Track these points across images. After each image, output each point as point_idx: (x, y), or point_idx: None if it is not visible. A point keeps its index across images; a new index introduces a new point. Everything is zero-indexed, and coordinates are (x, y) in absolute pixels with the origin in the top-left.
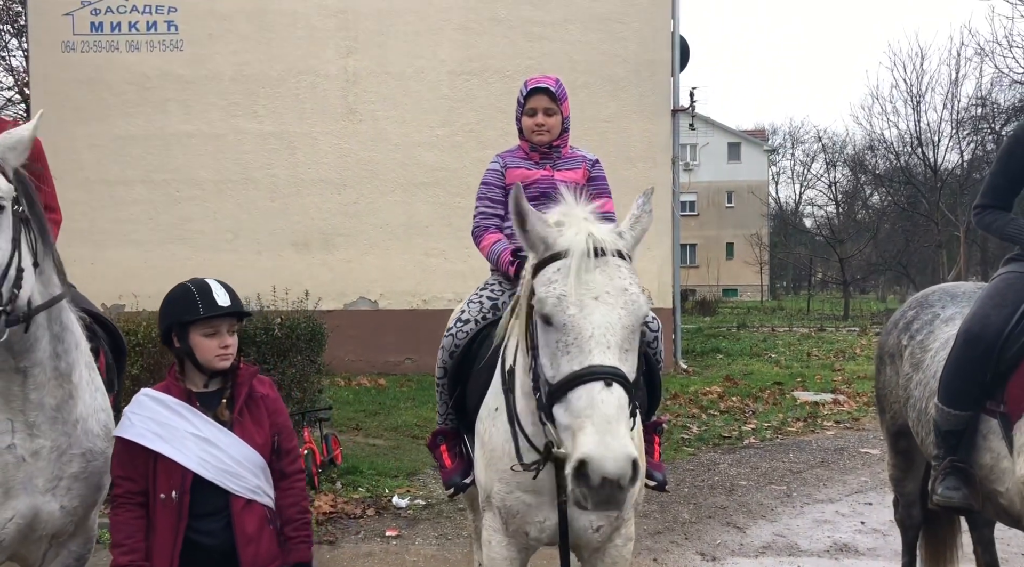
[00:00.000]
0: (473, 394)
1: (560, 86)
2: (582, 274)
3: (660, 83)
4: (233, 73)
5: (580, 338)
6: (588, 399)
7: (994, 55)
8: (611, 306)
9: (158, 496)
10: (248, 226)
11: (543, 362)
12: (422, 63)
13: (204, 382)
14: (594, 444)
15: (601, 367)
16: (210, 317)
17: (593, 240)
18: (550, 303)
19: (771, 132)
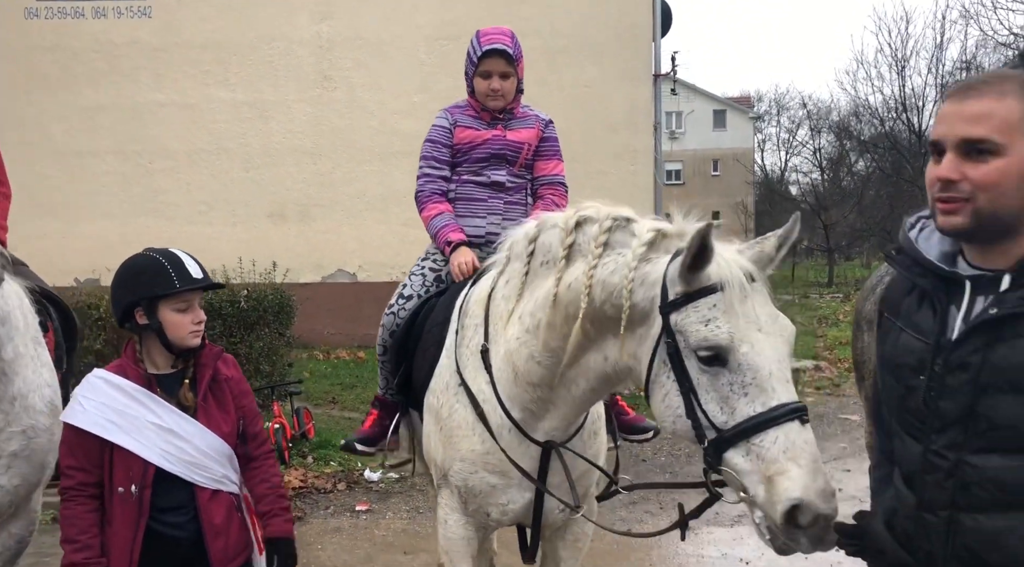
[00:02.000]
0: (420, 369)
1: (516, 44)
2: (741, 304)
3: (641, 48)
4: (204, 40)
5: (759, 377)
6: (787, 441)
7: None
8: (774, 336)
9: (115, 490)
10: (222, 197)
11: (710, 408)
12: (398, 28)
13: (171, 362)
14: (804, 486)
15: (790, 406)
16: (185, 291)
17: (744, 268)
18: (721, 342)
19: (756, 99)
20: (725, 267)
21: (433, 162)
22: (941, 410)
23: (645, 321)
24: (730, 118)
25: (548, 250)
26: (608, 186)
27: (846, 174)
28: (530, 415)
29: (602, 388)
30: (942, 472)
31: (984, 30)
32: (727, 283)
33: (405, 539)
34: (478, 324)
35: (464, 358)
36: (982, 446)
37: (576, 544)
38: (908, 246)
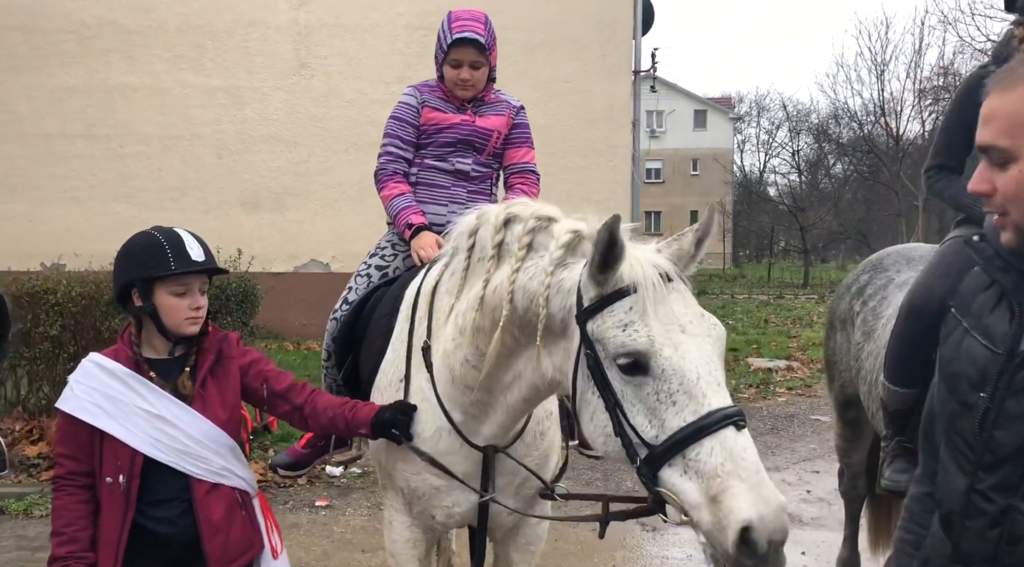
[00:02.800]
0: (367, 363)
1: (490, 31)
2: (660, 305)
3: (622, 44)
4: (179, 23)
5: (686, 382)
6: (724, 452)
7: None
8: (700, 337)
9: (104, 480)
10: (195, 184)
11: (638, 422)
12: (377, 16)
13: (168, 349)
14: (753, 503)
15: (723, 410)
16: (182, 273)
17: (657, 266)
18: (640, 348)
19: (737, 100)
20: (638, 267)
21: (397, 141)
22: (996, 440)
23: (565, 332)
24: (711, 118)
25: (484, 246)
26: (585, 181)
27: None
28: (471, 418)
29: (533, 398)
30: (987, 518)
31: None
32: (641, 283)
33: (364, 536)
34: (422, 318)
35: (409, 354)
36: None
37: (529, 547)
38: (992, 235)
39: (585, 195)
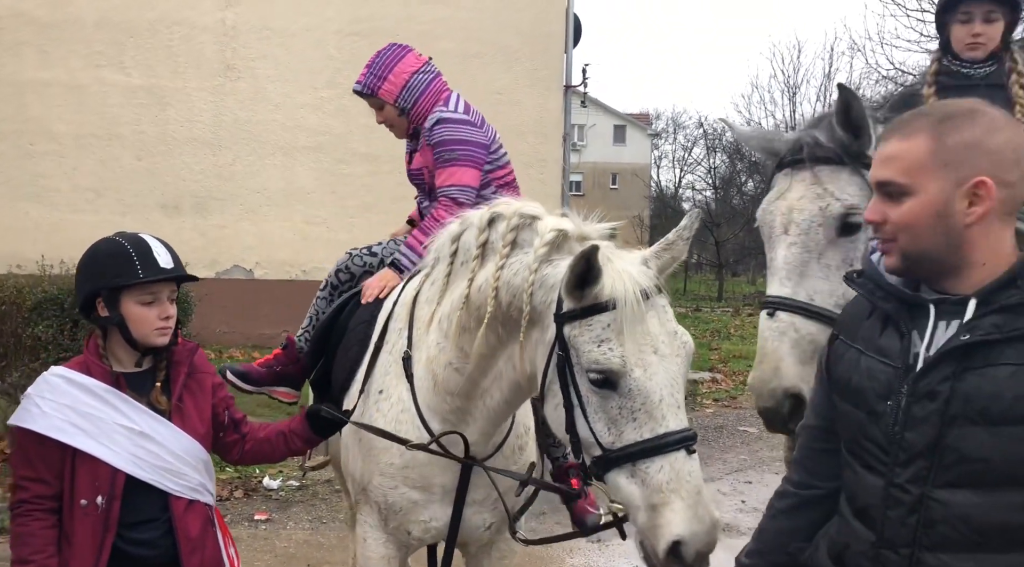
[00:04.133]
0: (341, 369)
1: (373, 71)
2: (635, 325)
3: (553, 58)
4: (97, 19)
5: (648, 403)
6: (671, 472)
7: (865, 50)
8: (670, 358)
9: (77, 502)
10: (112, 185)
11: (596, 427)
12: (308, 20)
13: (135, 361)
14: (687, 520)
15: (677, 434)
16: (150, 281)
17: (639, 285)
18: (613, 367)
19: (655, 116)
20: (619, 284)
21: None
22: (906, 441)
23: (541, 324)
24: (629, 134)
25: (468, 248)
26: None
27: (736, 193)
28: (450, 428)
29: (515, 399)
30: (905, 507)
31: (869, 62)
32: (621, 302)
33: (308, 551)
34: (402, 328)
35: (387, 365)
36: (950, 480)
37: (503, 561)
38: (871, 270)
39: None
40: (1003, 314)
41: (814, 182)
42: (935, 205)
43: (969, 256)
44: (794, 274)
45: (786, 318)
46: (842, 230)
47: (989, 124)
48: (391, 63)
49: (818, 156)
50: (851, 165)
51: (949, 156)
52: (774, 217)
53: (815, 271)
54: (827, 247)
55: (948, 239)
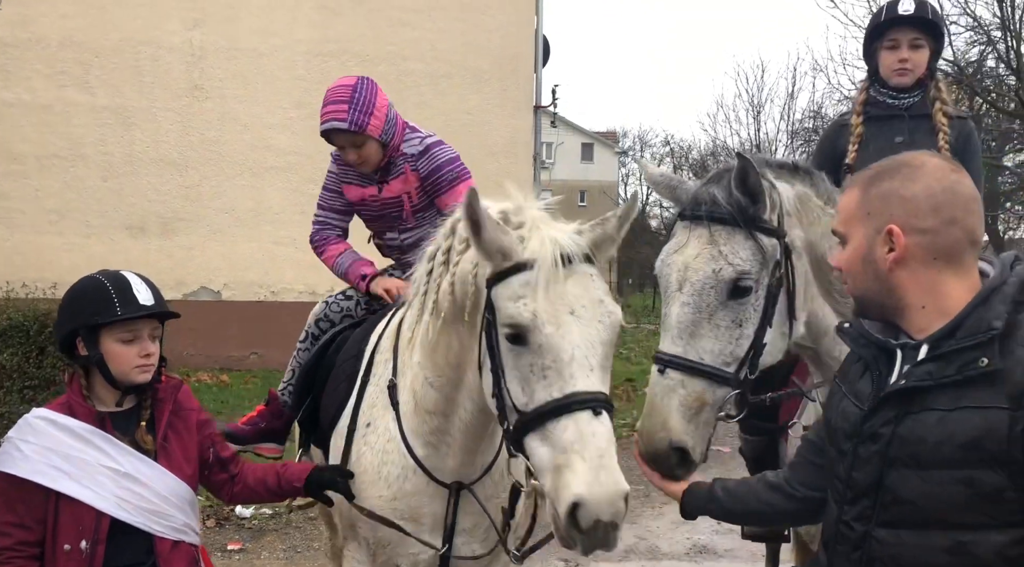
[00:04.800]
0: (329, 406)
1: (358, 107)
2: (553, 285)
3: (523, 79)
4: (62, 39)
5: (559, 361)
6: (576, 432)
7: (828, 70)
8: (588, 321)
9: (60, 547)
10: (76, 206)
11: (511, 387)
12: (276, 41)
13: (116, 399)
14: (587, 484)
15: (586, 394)
16: (129, 319)
17: (560, 247)
18: (523, 321)
19: (622, 135)
20: (538, 244)
21: (331, 214)
22: (854, 480)
23: (482, 304)
24: (597, 152)
25: (436, 261)
26: None
27: None
28: (432, 451)
29: (487, 406)
30: (850, 543)
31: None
32: (540, 261)
33: None
34: (388, 359)
35: (373, 397)
36: (887, 520)
37: None
38: (855, 319)
39: None
40: (938, 361)
41: (710, 242)
42: (861, 251)
43: (903, 299)
44: (685, 333)
45: (675, 376)
46: (732, 293)
47: (908, 175)
48: (371, 98)
49: (715, 216)
50: (745, 229)
51: (871, 206)
52: (671, 272)
53: (705, 331)
54: (717, 308)
55: (879, 283)
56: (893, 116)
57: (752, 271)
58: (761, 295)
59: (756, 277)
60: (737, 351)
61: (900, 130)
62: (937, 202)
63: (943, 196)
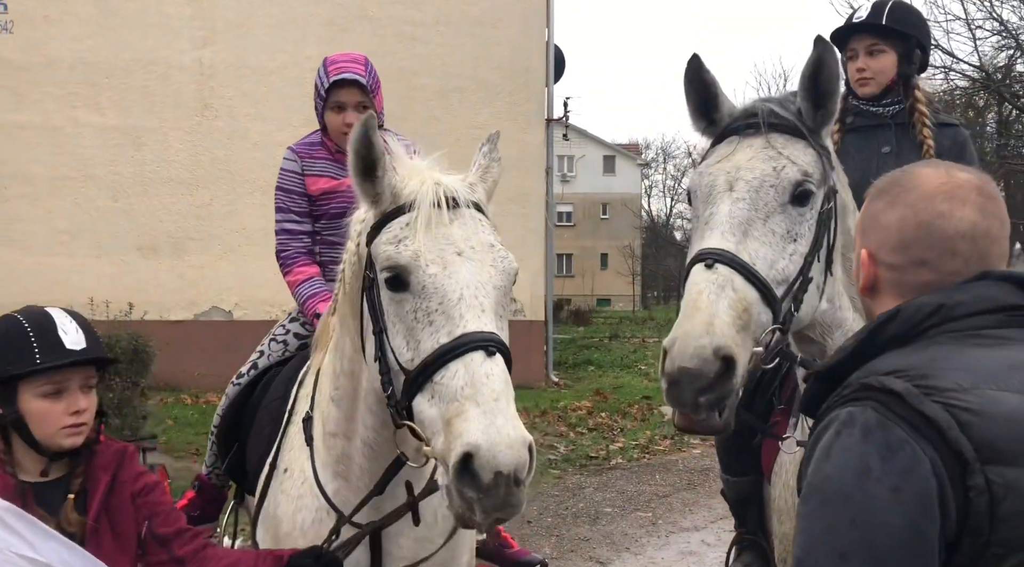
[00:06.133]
0: (255, 452)
1: (372, 72)
2: (437, 227)
3: (534, 92)
4: (73, 60)
5: (447, 302)
6: (467, 375)
7: None
8: (479, 263)
9: None
10: (87, 227)
11: (395, 344)
12: (285, 58)
13: (42, 467)
14: (482, 429)
15: (478, 334)
16: (51, 368)
17: (444, 188)
18: (403, 261)
19: (644, 146)
20: (418, 184)
21: (292, 216)
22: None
23: (362, 264)
24: (619, 164)
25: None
26: (499, 228)
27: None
28: (343, 483)
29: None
30: None
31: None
32: (421, 200)
33: None
34: (308, 394)
35: (292, 437)
36: None
37: None
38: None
39: None
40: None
41: (765, 146)
42: (855, 270)
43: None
44: (738, 230)
45: (726, 272)
46: (795, 198)
47: (892, 198)
48: (379, 78)
49: (772, 123)
50: (809, 138)
51: (862, 224)
52: (715, 177)
53: (759, 233)
54: (775, 210)
55: (865, 307)
56: (878, 125)
57: (815, 177)
58: (814, 216)
59: (816, 188)
60: (788, 269)
61: (886, 139)
62: (906, 238)
63: (915, 232)
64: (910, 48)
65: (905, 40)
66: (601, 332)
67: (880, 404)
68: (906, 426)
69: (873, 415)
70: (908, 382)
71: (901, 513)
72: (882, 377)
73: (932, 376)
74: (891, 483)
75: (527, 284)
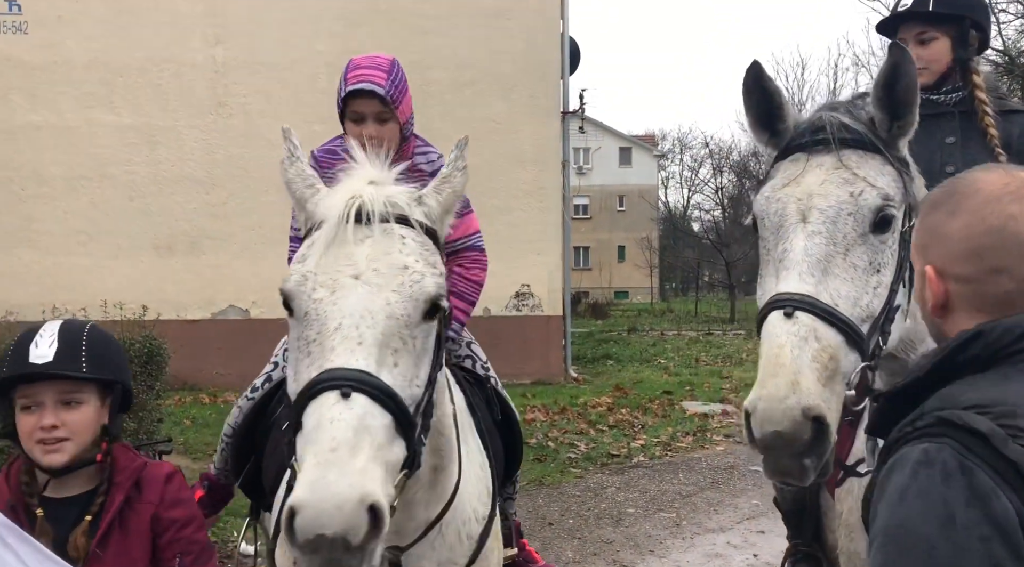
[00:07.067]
0: (270, 467)
1: (394, 81)
2: (340, 246)
3: (550, 84)
4: (87, 60)
5: (324, 332)
6: (316, 418)
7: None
8: (377, 288)
9: None
10: (104, 227)
11: (288, 374)
12: (297, 54)
13: (44, 483)
14: (309, 483)
15: (338, 371)
16: (10, 380)
17: (359, 202)
18: (288, 286)
19: (660, 138)
20: (336, 198)
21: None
22: None
23: None
24: (635, 155)
25: None
26: (516, 222)
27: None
28: None
29: None
30: None
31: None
32: (329, 216)
33: None
34: None
35: None
36: None
37: None
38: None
39: (515, 236)
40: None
41: (837, 167)
42: (919, 290)
43: None
44: (817, 269)
45: (807, 321)
46: (876, 226)
47: (952, 207)
48: (405, 83)
49: (844, 139)
50: (885, 153)
51: (920, 240)
52: (785, 205)
53: (840, 270)
54: (856, 242)
55: (932, 326)
56: (941, 114)
57: (896, 199)
58: (896, 240)
59: (897, 209)
60: (873, 304)
61: (950, 129)
62: (976, 246)
63: (986, 239)
64: (964, 30)
65: (958, 23)
66: (619, 325)
67: (960, 444)
68: (989, 470)
69: (952, 456)
70: (993, 421)
71: (991, 566)
72: (963, 412)
73: (1019, 415)
74: (980, 533)
75: (544, 278)
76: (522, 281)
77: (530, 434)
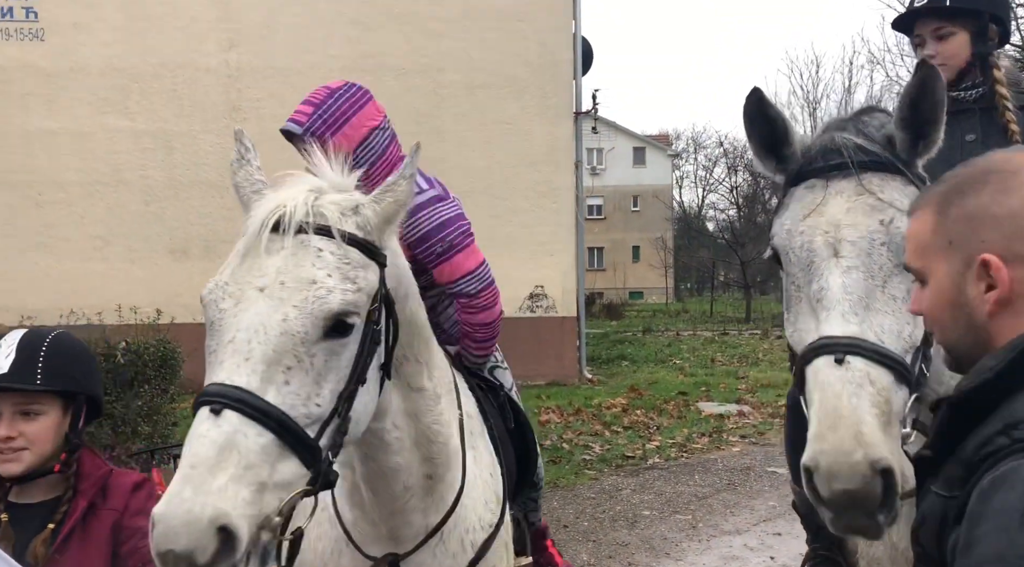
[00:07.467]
0: None
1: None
2: (255, 257)
3: (562, 85)
4: (102, 66)
5: (219, 344)
6: (189, 433)
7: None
8: (279, 302)
9: None
10: (120, 232)
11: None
12: (311, 58)
13: (8, 488)
14: (167, 497)
15: (216, 387)
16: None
17: (282, 211)
18: (204, 293)
19: (675, 137)
20: (258, 207)
21: None
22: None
23: None
24: (649, 155)
25: None
26: (530, 223)
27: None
28: (360, 513)
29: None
30: None
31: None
32: (250, 225)
33: None
34: None
35: None
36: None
37: None
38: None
39: (528, 236)
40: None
41: (859, 193)
42: (947, 293)
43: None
44: (859, 307)
45: (861, 366)
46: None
47: (1000, 185)
48: (348, 110)
49: (862, 161)
50: (904, 173)
51: (952, 232)
52: (811, 238)
53: (881, 304)
54: (893, 273)
55: (972, 333)
56: (961, 111)
57: None
58: None
59: None
60: (916, 334)
61: (970, 127)
62: None
63: None
64: (983, 24)
65: (976, 17)
66: (634, 326)
67: None
68: None
69: None
70: None
71: None
72: None
73: None
74: None
75: (558, 280)
76: (536, 282)
77: (544, 436)
